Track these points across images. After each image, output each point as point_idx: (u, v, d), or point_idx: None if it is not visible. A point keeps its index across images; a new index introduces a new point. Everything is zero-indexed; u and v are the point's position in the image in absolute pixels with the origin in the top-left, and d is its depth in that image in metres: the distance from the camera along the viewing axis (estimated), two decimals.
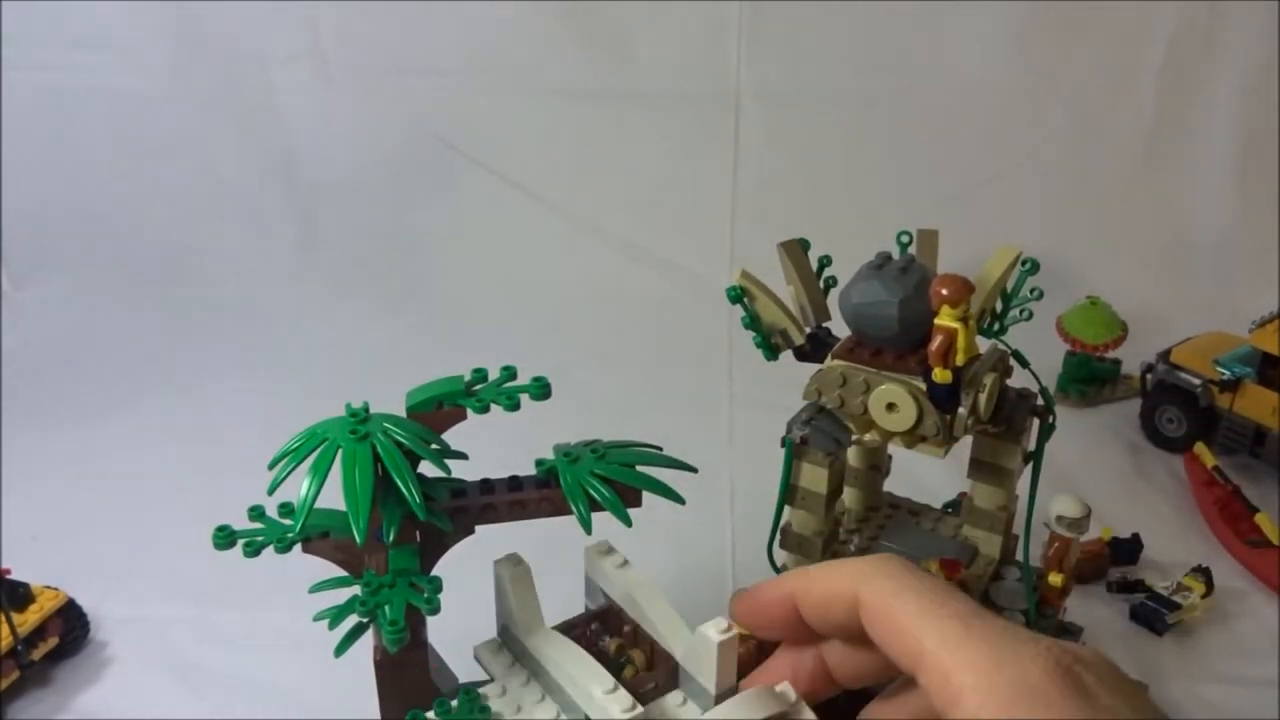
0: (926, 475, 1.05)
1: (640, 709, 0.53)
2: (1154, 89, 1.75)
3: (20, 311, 1.71)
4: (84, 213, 1.78)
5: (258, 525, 0.70)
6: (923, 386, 0.72)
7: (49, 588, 0.97)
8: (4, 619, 0.91)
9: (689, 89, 1.76)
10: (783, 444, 0.79)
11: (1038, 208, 1.76)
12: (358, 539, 0.60)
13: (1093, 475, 1.27)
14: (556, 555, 0.67)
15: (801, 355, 0.80)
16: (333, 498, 0.63)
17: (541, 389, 0.68)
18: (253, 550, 0.68)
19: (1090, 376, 1.45)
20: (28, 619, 0.93)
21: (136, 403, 1.46)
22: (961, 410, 0.72)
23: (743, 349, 1.56)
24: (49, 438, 1.37)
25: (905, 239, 0.81)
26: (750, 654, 0.58)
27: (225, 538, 0.69)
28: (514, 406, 0.67)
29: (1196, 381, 1.28)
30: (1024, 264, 0.77)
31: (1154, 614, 1.00)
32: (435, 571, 0.68)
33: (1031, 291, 0.78)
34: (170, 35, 1.73)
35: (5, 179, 1.75)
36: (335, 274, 1.76)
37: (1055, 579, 0.81)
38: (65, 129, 1.76)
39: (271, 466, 0.64)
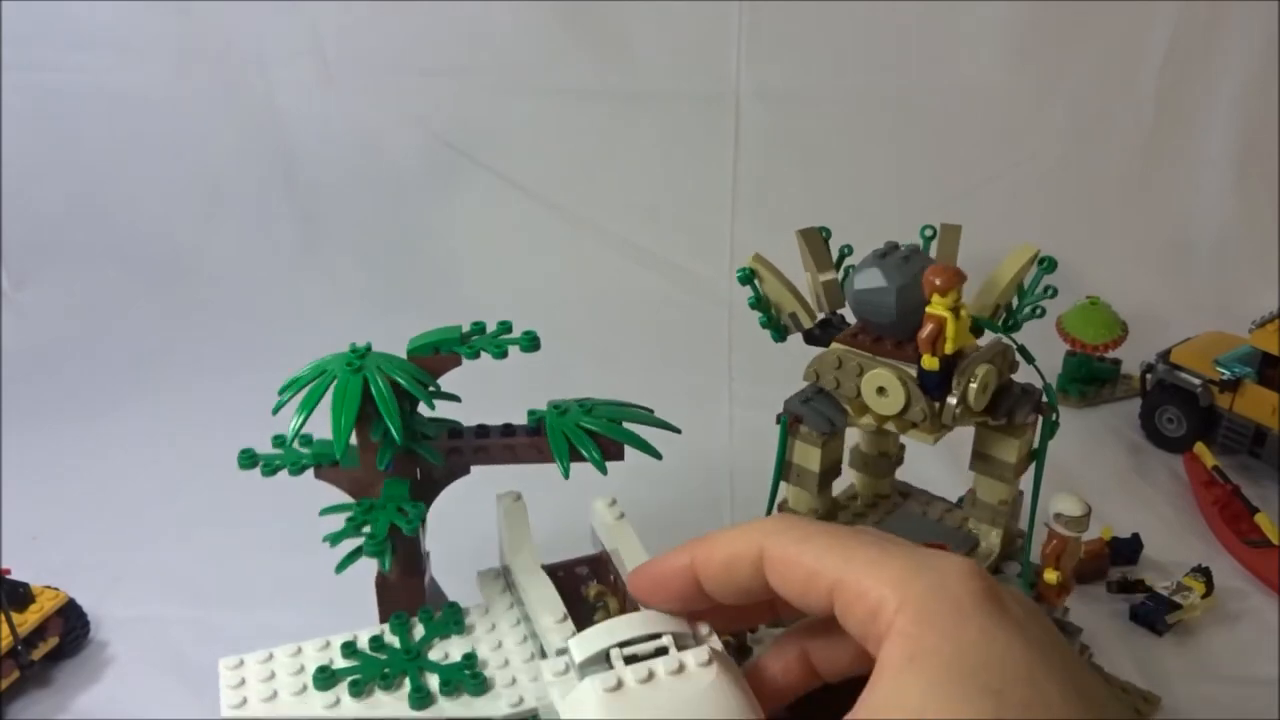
0: (943, 468, 1.05)
1: (573, 634, 0.54)
2: (1154, 89, 1.75)
3: (20, 311, 1.71)
4: (84, 213, 1.78)
5: (278, 451, 0.76)
6: (913, 373, 0.73)
7: (49, 588, 0.97)
8: (4, 619, 0.91)
9: (689, 89, 1.76)
10: (778, 421, 0.80)
11: (1038, 208, 1.76)
12: (337, 456, 0.69)
13: (1093, 475, 1.27)
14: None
15: (810, 339, 0.82)
16: None
17: (530, 342, 0.75)
18: (269, 470, 0.75)
19: (1090, 376, 1.45)
20: (28, 619, 0.93)
21: (136, 403, 1.46)
22: (951, 399, 0.73)
23: (743, 349, 1.57)
24: (49, 438, 1.37)
25: (929, 233, 0.82)
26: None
27: (248, 459, 0.75)
28: (501, 355, 0.74)
29: (1196, 381, 1.28)
30: (1041, 262, 0.78)
31: (1154, 614, 1.00)
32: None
33: (1045, 290, 0.79)
34: (170, 35, 1.72)
35: (5, 179, 1.75)
36: (335, 274, 1.76)
37: (1050, 576, 0.81)
38: (65, 129, 1.76)
39: (280, 393, 0.73)
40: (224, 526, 1.17)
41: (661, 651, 0.48)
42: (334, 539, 0.69)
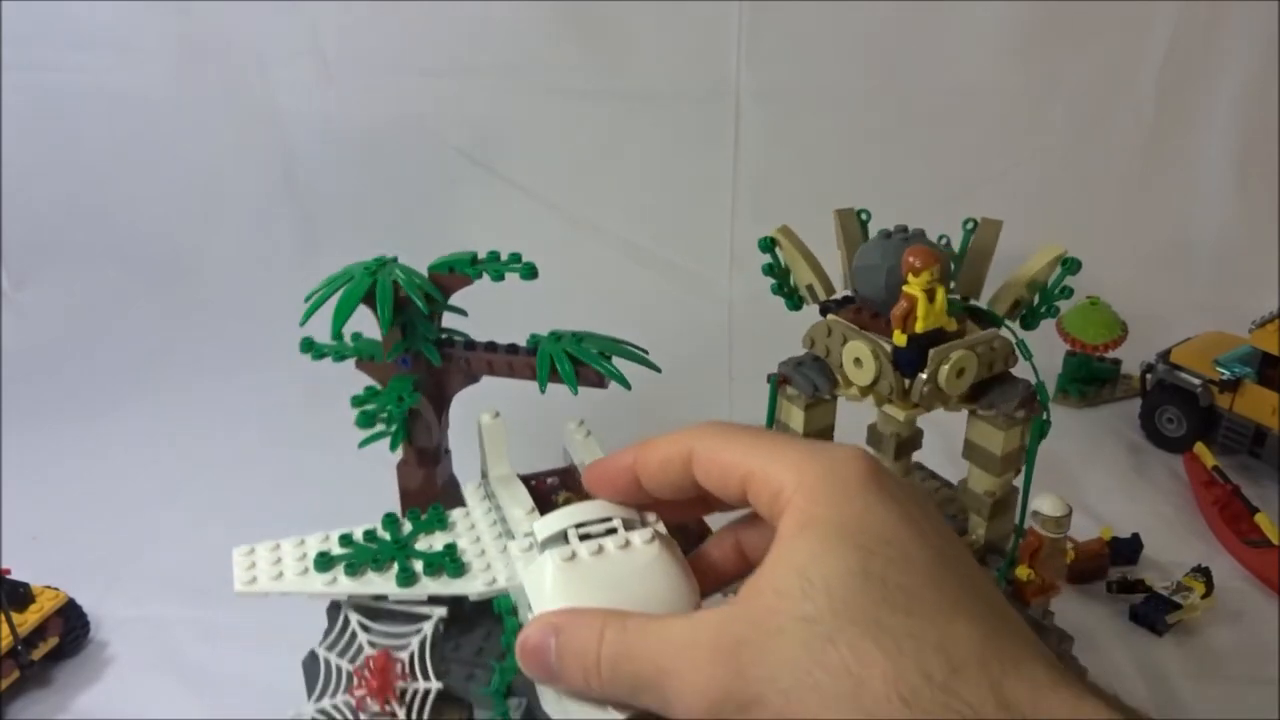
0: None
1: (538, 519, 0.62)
2: (1154, 89, 1.75)
3: (20, 311, 1.71)
4: (84, 213, 1.78)
5: (332, 343, 0.90)
6: (888, 347, 0.76)
7: (49, 588, 0.97)
8: (4, 619, 0.91)
9: (689, 89, 1.76)
10: (768, 380, 0.84)
11: (1038, 208, 1.76)
12: (331, 335, 0.85)
13: (1093, 475, 1.27)
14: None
15: (825, 312, 0.84)
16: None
17: (529, 271, 0.87)
18: (318, 355, 0.92)
19: (1090, 376, 1.45)
20: (28, 619, 0.93)
21: (136, 402, 1.46)
22: (921, 376, 0.75)
23: (743, 349, 1.57)
24: (49, 438, 1.37)
25: (970, 225, 0.84)
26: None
27: (308, 344, 0.92)
28: (498, 278, 0.87)
29: (1196, 381, 1.28)
30: (1065, 262, 0.80)
31: (1154, 614, 1.00)
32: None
33: (1061, 290, 0.80)
34: (170, 35, 1.73)
35: (5, 179, 1.75)
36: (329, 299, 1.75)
37: (1022, 572, 0.81)
38: (65, 129, 1.76)
39: (307, 299, 0.86)
40: (224, 526, 1.16)
41: (612, 531, 0.55)
42: (361, 422, 0.85)
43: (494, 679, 0.68)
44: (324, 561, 0.69)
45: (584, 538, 0.55)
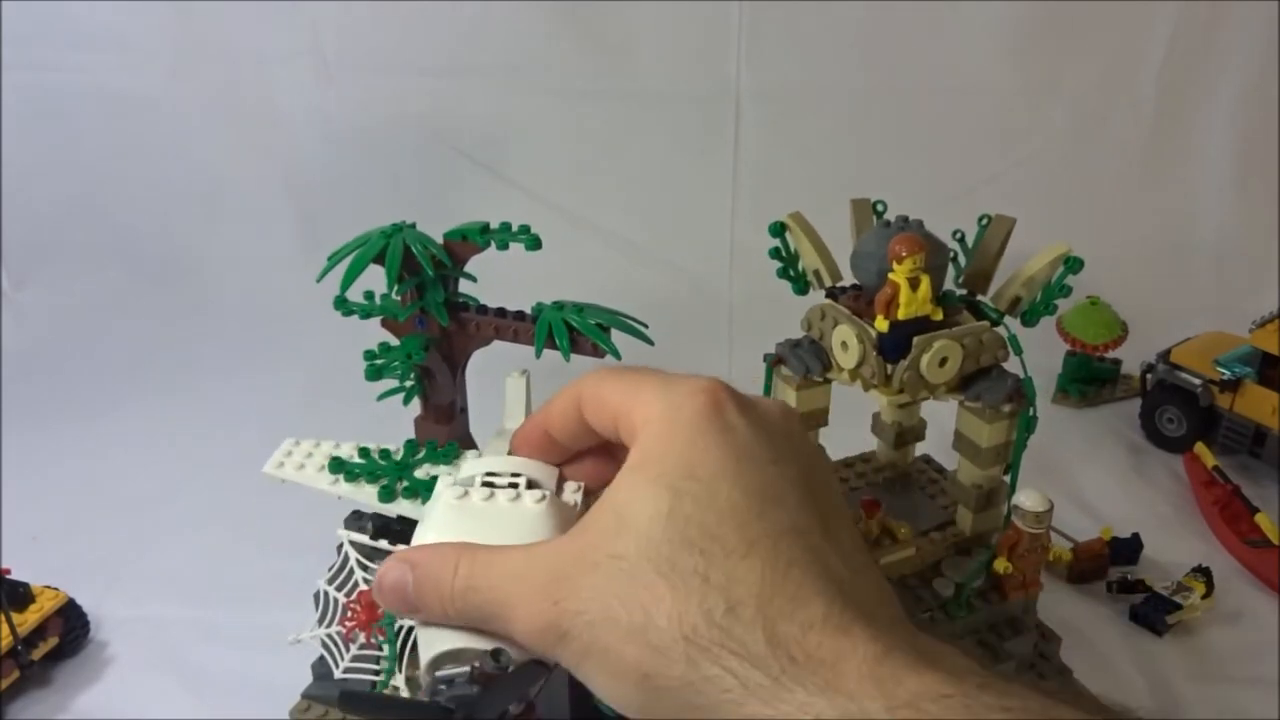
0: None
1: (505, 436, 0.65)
2: (1154, 89, 1.75)
3: (20, 311, 1.71)
4: (84, 213, 1.78)
5: (363, 303, 0.94)
6: (873, 334, 0.77)
7: (49, 588, 0.97)
8: (4, 619, 0.91)
9: (689, 89, 1.76)
10: (764, 360, 0.87)
11: (1038, 208, 1.75)
12: (340, 291, 0.91)
13: (1093, 475, 1.27)
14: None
15: (830, 296, 0.86)
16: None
17: (533, 242, 0.92)
18: (348, 311, 0.95)
19: (1090, 376, 1.45)
20: (28, 619, 0.93)
21: (136, 403, 1.46)
22: (903, 362, 0.77)
23: (743, 349, 1.57)
24: (49, 438, 1.37)
25: (984, 221, 0.85)
26: None
27: (340, 302, 0.94)
28: (504, 246, 0.91)
29: (1196, 381, 1.28)
30: (1067, 262, 0.81)
31: (1154, 614, 1.00)
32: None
33: (1061, 289, 0.81)
34: (170, 35, 1.72)
35: (5, 179, 1.75)
36: (335, 274, 1.75)
37: (1000, 565, 0.82)
38: (65, 129, 1.76)
39: (330, 258, 0.91)
40: (224, 526, 1.17)
41: (514, 486, 0.57)
42: (371, 374, 0.90)
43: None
44: (336, 465, 0.73)
45: (487, 485, 0.57)
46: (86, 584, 1.03)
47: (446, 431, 0.95)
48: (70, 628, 0.98)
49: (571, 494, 0.58)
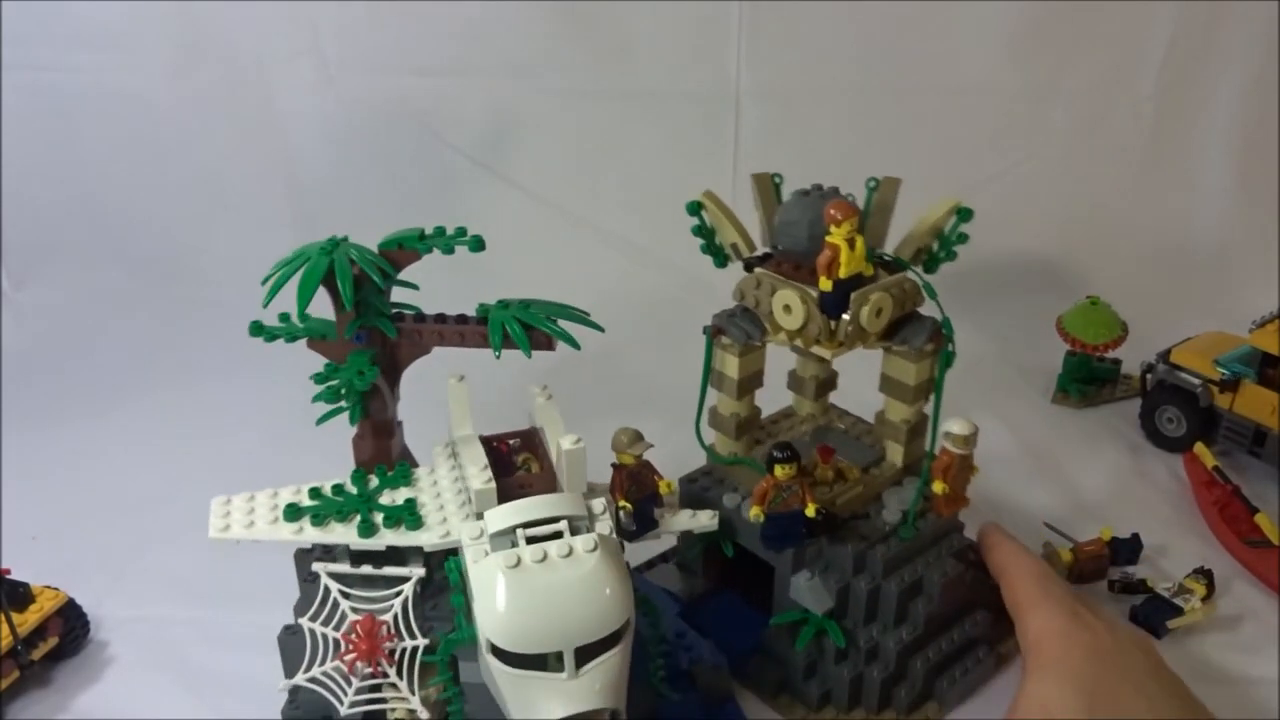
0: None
1: (492, 482, 0.71)
2: (1154, 89, 1.75)
3: (20, 311, 1.71)
4: (84, 213, 1.78)
5: (282, 325, 0.92)
6: (815, 294, 0.83)
7: (49, 588, 0.97)
8: (4, 619, 0.91)
9: (689, 89, 1.76)
10: (704, 331, 0.93)
11: (1038, 208, 1.76)
12: (297, 313, 0.86)
13: (1093, 475, 1.27)
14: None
15: (748, 267, 0.91)
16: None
17: (477, 243, 0.89)
18: (270, 337, 0.91)
19: (1090, 376, 1.45)
20: (28, 619, 0.93)
21: (136, 403, 1.46)
22: (845, 317, 0.83)
23: None
24: (49, 438, 1.37)
25: (872, 184, 0.92)
26: (623, 481, 0.80)
27: (257, 328, 0.91)
28: (449, 251, 0.89)
29: (1196, 381, 1.28)
30: (959, 212, 0.88)
31: (1155, 615, 1.00)
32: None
33: (959, 236, 0.89)
34: (170, 35, 1.72)
35: (5, 179, 1.75)
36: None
37: (937, 487, 0.89)
38: (65, 129, 1.76)
39: (264, 282, 0.86)
40: None
41: (557, 535, 0.60)
42: (316, 398, 0.87)
43: (440, 646, 0.71)
44: (293, 512, 0.72)
45: (530, 540, 0.60)
46: (86, 584, 1.03)
47: (381, 447, 0.93)
48: (70, 628, 0.98)
49: (600, 513, 0.63)
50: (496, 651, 0.64)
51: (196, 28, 1.72)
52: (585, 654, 0.64)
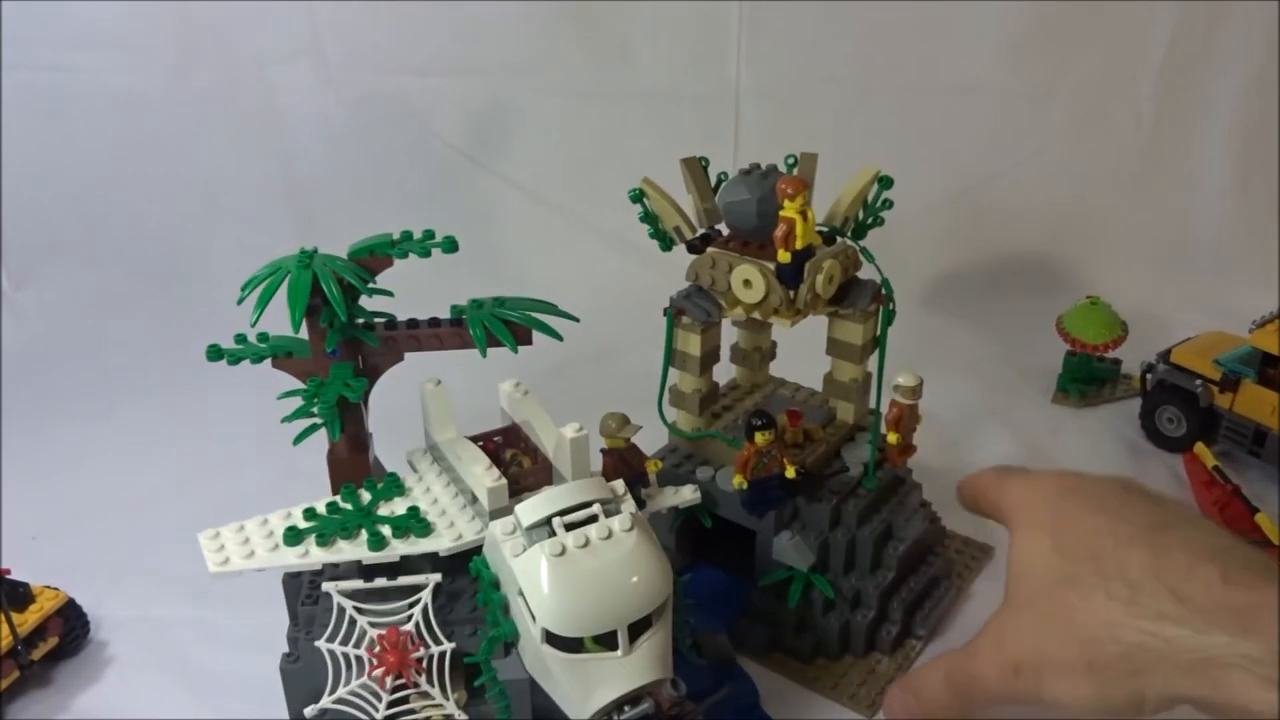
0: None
1: (503, 479, 0.71)
2: (1154, 89, 1.75)
3: (20, 311, 1.71)
4: (84, 213, 1.78)
5: (241, 346, 0.90)
6: (772, 267, 0.87)
7: (49, 588, 0.97)
8: (4, 619, 0.91)
9: (689, 89, 1.76)
10: (664, 314, 0.95)
11: (1038, 208, 1.76)
12: (292, 328, 0.85)
13: None
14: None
15: (692, 248, 0.95)
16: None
17: (450, 245, 0.88)
18: (234, 359, 0.90)
19: (1090, 376, 1.45)
20: (28, 619, 0.93)
21: (136, 403, 1.46)
22: (803, 287, 0.87)
23: None
24: (49, 438, 1.37)
25: (790, 160, 0.97)
26: (615, 465, 0.82)
27: (215, 352, 0.90)
28: (425, 254, 0.88)
29: (1196, 381, 1.28)
30: (880, 180, 0.93)
31: None
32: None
33: (883, 203, 0.94)
34: (170, 35, 1.72)
35: (5, 179, 1.75)
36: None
37: (892, 438, 0.95)
38: (65, 129, 1.76)
39: (241, 290, 0.86)
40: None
41: (593, 519, 0.61)
42: (291, 416, 0.86)
43: (482, 646, 0.71)
44: (293, 536, 0.71)
45: (568, 526, 0.61)
46: (86, 584, 1.03)
47: (358, 461, 0.92)
48: (70, 628, 0.98)
49: (623, 493, 0.65)
50: (552, 639, 0.65)
51: (196, 28, 1.72)
52: (635, 629, 0.66)
